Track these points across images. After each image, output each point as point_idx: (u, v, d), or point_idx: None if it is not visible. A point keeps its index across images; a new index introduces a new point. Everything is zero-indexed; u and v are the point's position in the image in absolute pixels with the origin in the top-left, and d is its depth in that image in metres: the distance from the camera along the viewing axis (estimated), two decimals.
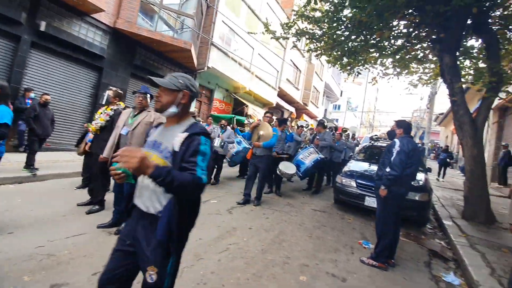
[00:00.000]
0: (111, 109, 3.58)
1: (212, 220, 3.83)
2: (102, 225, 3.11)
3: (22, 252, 2.36)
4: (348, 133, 10.05)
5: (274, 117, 5.67)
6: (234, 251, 2.91)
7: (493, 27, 5.23)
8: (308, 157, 5.92)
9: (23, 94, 6.12)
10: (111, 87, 3.76)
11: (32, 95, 6.08)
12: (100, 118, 3.52)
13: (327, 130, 7.22)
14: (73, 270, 2.20)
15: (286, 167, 5.48)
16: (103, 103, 3.64)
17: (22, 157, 5.42)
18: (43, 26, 6.27)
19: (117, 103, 3.68)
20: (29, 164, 4.84)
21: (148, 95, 3.11)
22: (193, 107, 11.84)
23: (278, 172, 5.50)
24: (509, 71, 5.50)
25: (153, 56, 9.61)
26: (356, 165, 5.69)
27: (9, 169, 4.82)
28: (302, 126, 7.90)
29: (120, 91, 3.76)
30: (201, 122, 6.26)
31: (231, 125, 8.14)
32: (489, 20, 5.10)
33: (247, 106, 13.76)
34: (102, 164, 3.22)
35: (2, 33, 5.95)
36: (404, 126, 3.23)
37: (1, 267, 2.12)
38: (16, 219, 3.04)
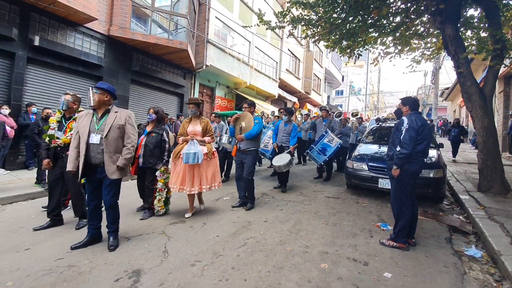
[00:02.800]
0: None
1: (227, 216, 3.82)
2: (76, 246, 2.73)
3: (41, 267, 2.36)
4: (361, 117, 9.77)
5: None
6: (252, 245, 2.90)
7: None
8: (333, 140, 5.87)
9: (26, 110, 6.15)
10: (67, 92, 3.41)
11: (34, 109, 6.09)
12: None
13: (334, 117, 7.15)
14: (95, 279, 2.20)
15: (278, 161, 5.17)
16: (62, 108, 3.25)
17: (31, 174, 5.49)
18: (36, 40, 6.25)
19: (80, 109, 3.29)
20: (40, 179, 4.88)
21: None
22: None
23: (275, 169, 5.31)
24: (510, 38, 5.32)
25: (151, 60, 9.58)
26: (365, 148, 5.60)
27: (21, 186, 4.88)
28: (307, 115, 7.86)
29: (78, 96, 3.35)
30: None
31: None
32: None
33: None
34: (73, 178, 2.87)
35: None
36: (410, 103, 3.12)
37: (22, 283, 2.11)
38: (33, 234, 3.07)
